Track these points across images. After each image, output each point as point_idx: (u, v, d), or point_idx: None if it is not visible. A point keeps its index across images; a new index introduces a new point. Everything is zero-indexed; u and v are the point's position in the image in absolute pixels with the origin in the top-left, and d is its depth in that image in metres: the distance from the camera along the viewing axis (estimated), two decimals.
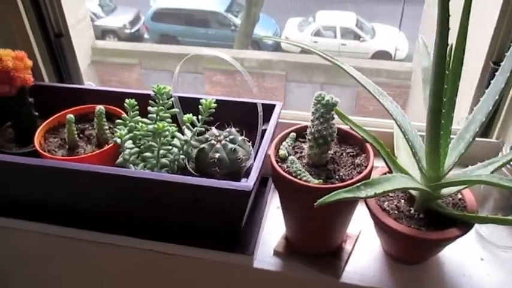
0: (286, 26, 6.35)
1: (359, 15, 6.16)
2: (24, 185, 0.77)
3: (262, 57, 5.58)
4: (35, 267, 0.91)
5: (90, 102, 0.87)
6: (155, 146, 0.70)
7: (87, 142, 0.82)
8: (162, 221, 0.75)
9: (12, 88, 0.78)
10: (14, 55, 0.78)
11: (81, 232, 0.78)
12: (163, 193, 0.68)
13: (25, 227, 0.80)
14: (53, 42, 0.93)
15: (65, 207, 0.79)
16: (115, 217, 0.76)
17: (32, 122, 0.84)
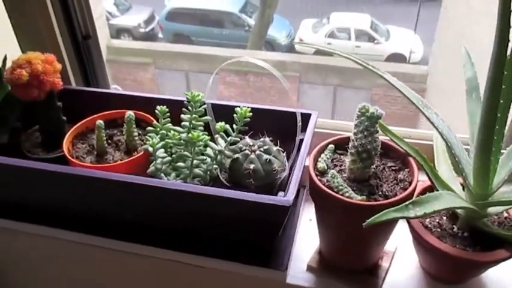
0: (300, 27, 6.30)
1: (374, 17, 6.10)
2: (51, 191, 0.75)
3: (276, 58, 5.56)
4: (54, 273, 0.90)
5: (117, 107, 0.85)
6: (189, 156, 0.67)
7: (116, 148, 0.80)
8: (192, 232, 0.73)
9: (41, 92, 0.76)
10: (43, 58, 0.76)
11: (106, 241, 0.76)
12: (198, 205, 0.66)
13: (49, 233, 0.79)
14: (81, 44, 0.91)
15: (91, 214, 0.77)
16: (142, 226, 0.74)
17: (60, 126, 0.82)
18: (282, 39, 6.34)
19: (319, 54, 6.01)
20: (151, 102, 0.83)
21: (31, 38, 0.87)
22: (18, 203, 0.80)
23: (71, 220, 0.78)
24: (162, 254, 0.74)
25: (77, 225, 0.77)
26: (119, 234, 0.75)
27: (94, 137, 0.81)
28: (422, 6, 6.20)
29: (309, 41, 6.17)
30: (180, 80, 5.46)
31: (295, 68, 5.41)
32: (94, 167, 0.72)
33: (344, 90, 5.35)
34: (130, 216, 0.74)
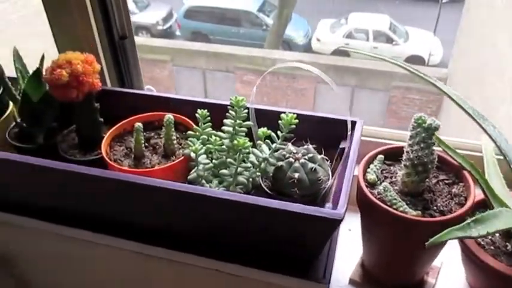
0: (318, 27, 6.26)
1: (392, 18, 6.03)
2: (87, 194, 0.74)
3: (294, 58, 5.52)
4: (81, 276, 0.89)
5: (153, 109, 0.83)
6: (233, 163, 0.65)
7: (153, 152, 0.78)
8: (232, 241, 0.71)
9: (80, 93, 0.75)
10: (83, 58, 0.75)
11: (142, 246, 0.74)
12: (241, 214, 0.64)
13: (81, 236, 0.77)
14: (117, 45, 0.89)
15: (124, 218, 0.75)
16: (181, 234, 0.72)
17: (97, 128, 0.81)
18: (299, 39, 6.32)
19: (337, 54, 5.97)
20: (188, 104, 0.82)
21: (69, 38, 0.86)
22: (51, 205, 0.79)
23: (103, 223, 0.76)
24: (199, 262, 0.72)
25: (109, 228, 0.76)
26: (154, 240, 0.74)
27: (131, 139, 0.80)
28: (443, 8, 6.11)
29: (326, 41, 6.14)
30: (197, 77, 5.47)
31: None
32: (134, 172, 0.70)
33: (361, 91, 5.30)
34: (167, 223, 0.72)
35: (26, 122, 0.82)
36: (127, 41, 0.91)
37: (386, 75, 5.20)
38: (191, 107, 0.81)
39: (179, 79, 5.53)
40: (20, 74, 0.82)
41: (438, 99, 5.02)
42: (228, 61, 5.41)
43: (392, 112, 5.29)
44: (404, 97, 5.14)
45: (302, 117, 0.77)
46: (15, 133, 0.85)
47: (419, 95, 5.14)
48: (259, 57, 5.43)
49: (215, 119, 0.74)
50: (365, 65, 5.29)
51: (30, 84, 0.79)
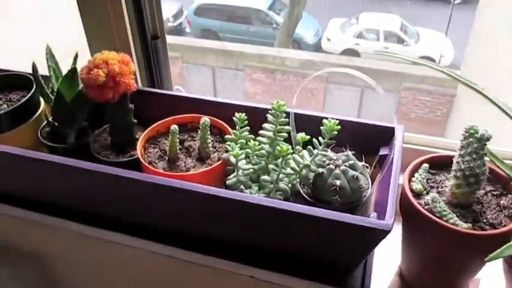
0: (329, 26, 6.23)
1: (403, 18, 5.99)
2: (121, 197, 0.73)
3: (304, 57, 5.50)
4: (112, 277, 0.88)
5: (185, 110, 0.82)
6: (275, 170, 0.64)
7: (187, 154, 0.77)
8: (270, 249, 0.69)
9: (116, 94, 0.73)
10: (119, 59, 0.74)
11: (179, 252, 0.73)
12: (283, 222, 0.62)
13: (114, 238, 0.76)
14: (149, 44, 0.88)
15: (158, 222, 0.74)
16: (218, 239, 0.71)
17: (130, 129, 0.80)
18: (309, 38, 6.29)
19: (347, 54, 5.94)
20: (223, 107, 0.81)
21: (102, 37, 0.85)
22: (84, 206, 0.78)
23: (136, 226, 0.75)
24: (235, 268, 0.71)
25: (143, 231, 0.75)
26: (189, 244, 0.73)
27: (165, 141, 0.79)
28: (455, 9, 6.06)
29: (337, 40, 6.11)
30: (207, 75, 5.46)
31: (322, 67, 5.33)
32: (172, 176, 0.69)
33: (371, 92, 5.27)
34: (204, 228, 0.71)
35: (58, 121, 0.81)
36: (159, 41, 0.90)
37: (397, 76, 5.17)
38: (226, 109, 0.80)
39: (189, 76, 5.53)
40: (53, 72, 0.81)
41: (449, 101, 4.99)
42: (237, 59, 5.39)
43: (402, 113, 5.26)
44: (414, 98, 5.11)
45: (340, 123, 0.75)
46: (47, 132, 0.84)
47: (430, 97, 5.11)
48: (269, 55, 5.41)
49: (250, 122, 0.72)
50: (375, 65, 5.26)
51: (64, 84, 0.78)
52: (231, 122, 0.78)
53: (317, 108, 5.65)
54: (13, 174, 0.77)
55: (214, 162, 0.74)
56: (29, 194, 0.80)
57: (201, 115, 0.79)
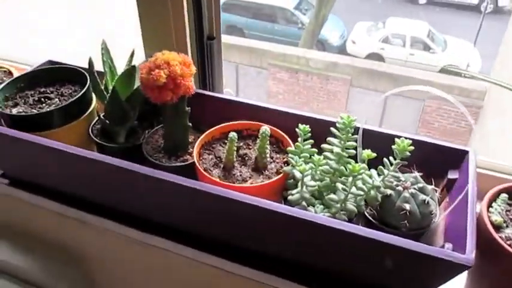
0: (355, 29, 6.17)
1: (432, 25, 5.89)
2: (173, 205, 0.70)
3: (329, 59, 5.44)
4: (156, 285, 0.85)
5: (239, 116, 0.79)
6: (345, 189, 0.60)
7: (242, 163, 0.74)
8: (323, 268, 0.66)
9: (175, 96, 0.71)
10: (181, 60, 0.71)
11: (230, 265, 0.70)
12: (347, 245, 0.59)
13: (161, 244, 0.74)
14: (205, 45, 0.85)
15: (206, 231, 0.71)
16: (269, 255, 0.68)
17: (185, 133, 0.77)
18: (334, 40, 6.23)
19: (371, 58, 5.86)
20: (282, 116, 0.78)
21: (159, 35, 0.82)
22: (132, 209, 0.76)
23: (183, 234, 0.73)
24: (285, 285, 0.67)
25: (190, 240, 0.72)
26: (240, 258, 0.70)
27: (220, 148, 0.76)
28: (486, 19, 5.94)
29: (362, 43, 6.05)
30: (230, 72, 5.43)
31: (347, 71, 5.29)
32: (230, 187, 0.66)
33: (396, 98, 5.19)
34: (259, 243, 0.68)
35: (110, 120, 0.78)
36: (214, 41, 0.87)
37: (423, 84, 5.09)
38: (284, 118, 0.77)
39: None
40: (109, 68, 0.79)
41: (475, 112, 4.89)
42: (262, 57, 5.36)
43: (425, 122, 5.17)
44: (439, 108, 5.02)
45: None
46: (97, 130, 0.82)
47: (456, 107, 5.00)
48: (293, 55, 5.36)
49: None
50: (401, 71, 5.18)
51: (121, 81, 0.75)
52: (289, 131, 0.75)
53: (338, 112, 5.57)
54: (64, 172, 0.75)
55: (272, 173, 0.71)
56: (78, 193, 0.78)
57: (259, 123, 0.77)
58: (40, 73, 0.85)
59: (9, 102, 0.80)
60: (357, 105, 5.32)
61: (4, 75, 0.95)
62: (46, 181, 0.81)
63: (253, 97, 5.13)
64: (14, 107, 0.79)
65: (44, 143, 0.67)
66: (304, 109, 5.74)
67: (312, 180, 0.64)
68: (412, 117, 5.11)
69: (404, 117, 5.11)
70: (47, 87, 0.84)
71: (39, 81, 0.84)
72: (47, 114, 0.75)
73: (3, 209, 0.94)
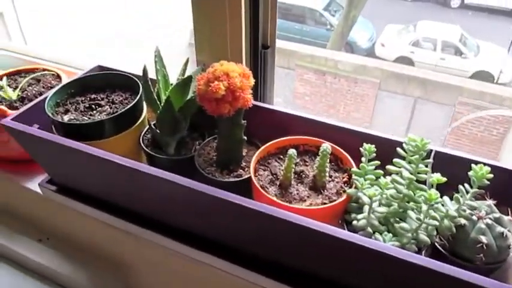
0: (384, 32, 6.05)
1: (464, 29, 5.73)
2: (227, 222, 0.67)
3: (358, 61, 5.36)
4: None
5: (295, 131, 0.76)
6: (419, 219, 0.56)
7: (298, 180, 0.71)
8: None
9: (232, 109, 0.68)
10: (240, 71, 0.68)
11: (273, 284, 0.67)
12: (417, 278, 0.55)
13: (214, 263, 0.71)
14: (260, 54, 0.82)
15: (265, 253, 0.68)
16: (323, 278, 0.64)
17: (239, 146, 0.74)
18: (363, 42, 6.14)
19: (400, 62, 5.74)
20: (339, 132, 0.74)
21: (214, 43, 0.79)
22: (181, 224, 0.73)
23: (232, 252, 0.70)
24: None
25: (239, 259, 0.69)
26: (294, 281, 0.66)
27: (275, 164, 0.73)
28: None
29: (391, 46, 5.93)
30: None
31: (375, 74, 5.20)
32: (288, 208, 0.62)
33: (425, 103, 5.08)
34: (316, 266, 0.65)
35: (162, 130, 0.76)
36: (269, 51, 0.84)
37: (455, 90, 4.96)
38: (343, 135, 0.73)
39: None
40: (162, 77, 0.76)
41: (507, 120, 4.74)
42: (289, 58, 5.31)
43: (455, 129, 5.03)
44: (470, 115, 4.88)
45: (461, 161, 0.67)
46: (148, 139, 0.80)
47: (488, 115, 4.86)
48: (322, 57, 5.30)
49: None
50: (432, 76, 5.06)
51: (176, 91, 0.73)
52: (348, 148, 0.71)
53: (365, 115, 5.50)
54: (112, 183, 0.73)
55: (331, 194, 0.67)
56: (125, 203, 0.76)
57: (317, 139, 0.73)
58: (90, 79, 0.83)
59: (60, 109, 0.79)
60: (384, 109, 5.22)
61: (52, 79, 0.94)
62: (92, 189, 0.79)
63: (280, 98, 5.09)
64: (64, 113, 0.78)
65: (99, 154, 0.65)
66: (330, 111, 5.64)
67: (380, 206, 0.60)
68: (442, 123, 4.98)
69: (433, 123, 4.99)
70: (98, 94, 0.82)
71: (89, 87, 0.83)
72: (99, 123, 0.73)
73: (49, 214, 0.93)
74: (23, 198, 0.93)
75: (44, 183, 0.83)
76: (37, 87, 0.92)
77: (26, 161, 0.89)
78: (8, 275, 0.92)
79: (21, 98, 0.89)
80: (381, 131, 0.70)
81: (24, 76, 0.95)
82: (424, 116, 4.94)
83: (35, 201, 0.89)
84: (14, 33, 1.80)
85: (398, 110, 5.25)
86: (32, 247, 0.92)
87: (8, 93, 0.88)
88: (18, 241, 0.93)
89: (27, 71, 0.97)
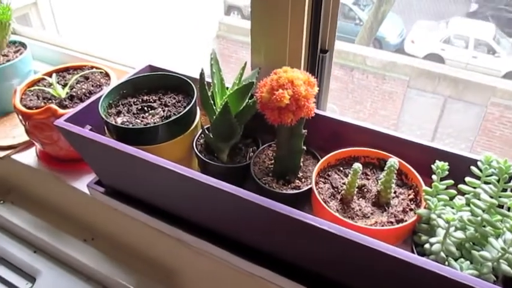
0: (414, 28, 5.91)
1: (499, 28, 5.54)
2: (286, 237, 0.64)
3: (387, 58, 5.25)
4: None
5: (350, 140, 0.73)
6: (504, 249, 0.52)
7: (359, 195, 0.67)
8: None
9: (295, 118, 0.64)
10: (305, 79, 0.64)
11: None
12: None
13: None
14: (318, 58, 0.78)
15: (318, 268, 0.65)
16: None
17: (298, 156, 0.71)
18: (392, 38, 6.01)
19: (430, 59, 5.60)
20: (405, 145, 0.70)
21: (272, 46, 0.76)
22: (234, 234, 0.71)
23: (286, 266, 0.67)
24: None
25: (290, 271, 0.66)
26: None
27: (335, 176, 0.69)
28: None
29: (422, 43, 5.79)
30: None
31: (405, 71, 5.09)
32: (359, 229, 0.59)
33: (455, 102, 4.95)
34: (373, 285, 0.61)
35: (216, 135, 0.73)
36: (327, 55, 0.80)
37: (486, 89, 4.82)
38: (408, 148, 0.69)
39: None
40: (219, 81, 0.74)
41: None
42: None
43: (485, 129, 4.89)
44: (502, 116, 4.73)
45: None
46: (201, 145, 0.77)
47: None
48: (350, 52, 5.21)
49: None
50: (463, 75, 4.92)
51: (235, 97, 0.70)
52: (409, 162, 0.67)
53: (392, 113, 5.40)
54: (169, 191, 0.71)
55: (397, 212, 0.63)
56: (180, 211, 0.74)
57: (379, 151, 0.70)
58: (142, 79, 0.81)
59: (113, 110, 0.77)
60: (413, 107, 5.12)
61: (101, 77, 0.93)
62: (143, 194, 0.77)
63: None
64: (116, 115, 0.76)
65: (159, 163, 0.62)
66: (357, 108, 5.55)
67: (456, 230, 0.57)
68: (472, 124, 4.85)
69: (463, 123, 4.86)
70: (150, 95, 0.80)
71: (141, 88, 0.81)
72: (155, 128, 0.71)
73: (95, 215, 0.92)
74: (70, 198, 0.92)
75: (92, 184, 0.82)
76: (85, 85, 0.91)
77: (74, 161, 0.88)
78: (53, 273, 0.91)
79: (70, 96, 0.87)
80: (407, 129, 0.66)
81: (72, 73, 0.94)
82: (453, 116, 4.81)
83: (82, 202, 0.88)
84: (48, 24, 1.79)
85: (427, 108, 5.13)
86: (76, 246, 0.92)
87: (57, 90, 0.87)
88: (63, 240, 0.93)
89: (75, 68, 0.95)
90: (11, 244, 0.98)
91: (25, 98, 0.87)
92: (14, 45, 1.05)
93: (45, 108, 0.81)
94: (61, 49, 1.17)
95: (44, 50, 1.17)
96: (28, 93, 0.89)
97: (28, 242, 0.97)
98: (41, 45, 1.17)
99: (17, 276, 0.93)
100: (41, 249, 0.95)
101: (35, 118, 0.81)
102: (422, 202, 0.62)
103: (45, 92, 0.88)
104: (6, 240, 0.99)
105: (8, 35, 0.97)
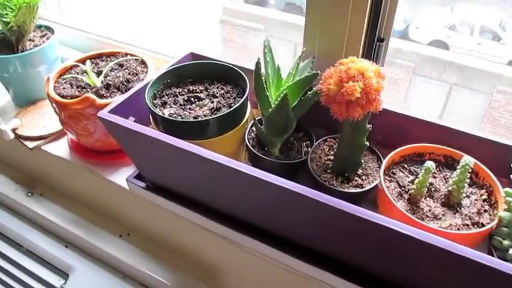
0: (419, 14, 5.82)
1: (505, 14, 5.47)
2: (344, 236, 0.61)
3: (392, 45, 5.18)
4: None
5: (412, 135, 0.69)
6: None
7: (427, 194, 0.63)
8: None
9: (363, 112, 0.60)
10: (376, 70, 0.60)
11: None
12: None
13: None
14: (374, 47, 0.74)
15: (379, 269, 0.62)
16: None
17: (359, 153, 0.67)
18: (397, 24, 5.93)
19: (434, 45, 5.54)
20: (472, 140, 0.66)
21: (330, 32, 0.71)
22: (286, 232, 0.67)
23: (342, 266, 0.63)
24: None
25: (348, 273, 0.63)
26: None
27: (400, 174, 0.66)
28: None
29: (427, 30, 5.71)
30: (288, 50, 5.27)
31: (411, 58, 5.03)
32: (434, 231, 0.55)
33: (460, 90, 4.90)
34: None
35: (269, 129, 0.69)
36: (383, 43, 0.75)
37: (492, 77, 4.78)
38: (478, 144, 0.65)
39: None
40: (274, 72, 0.69)
41: None
42: None
43: (490, 117, 4.86)
44: (508, 104, 4.70)
45: None
46: (253, 138, 0.73)
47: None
48: None
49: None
50: (470, 62, 4.87)
51: (294, 88, 0.66)
52: (485, 161, 0.63)
53: (398, 100, 5.37)
54: (219, 188, 0.67)
55: (471, 214, 0.60)
56: (228, 209, 0.70)
57: (446, 147, 0.66)
58: (186, 68, 0.76)
59: (158, 101, 0.72)
60: (418, 94, 5.07)
61: (137, 65, 0.88)
62: (187, 190, 0.73)
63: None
64: (162, 106, 0.71)
65: (213, 158, 0.58)
66: None
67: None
68: (477, 112, 4.82)
69: (468, 110, 4.83)
70: (195, 85, 0.75)
71: (185, 77, 0.76)
72: (206, 122, 0.66)
73: (133, 210, 0.88)
74: (106, 192, 0.88)
75: (132, 178, 0.78)
76: (120, 72, 0.85)
77: (110, 153, 0.84)
78: (87, 268, 0.88)
79: (106, 85, 0.82)
80: None
81: (105, 60, 0.89)
82: (459, 103, 4.77)
83: (119, 196, 0.84)
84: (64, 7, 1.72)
85: (433, 95, 5.09)
86: (111, 242, 0.88)
87: (92, 79, 0.82)
88: (97, 234, 0.89)
89: (108, 55, 0.90)
90: (40, 238, 0.94)
91: (58, 87, 0.82)
92: (40, 30, 0.99)
93: (83, 97, 0.76)
94: (85, 34, 1.11)
95: (69, 36, 1.11)
96: (61, 81, 0.84)
97: (58, 236, 0.93)
98: (65, 30, 1.11)
99: (49, 272, 0.90)
100: (73, 244, 0.92)
101: (71, 108, 0.77)
102: (498, 203, 0.59)
103: (78, 80, 0.83)
104: (35, 233, 0.95)
105: (35, 19, 0.91)
